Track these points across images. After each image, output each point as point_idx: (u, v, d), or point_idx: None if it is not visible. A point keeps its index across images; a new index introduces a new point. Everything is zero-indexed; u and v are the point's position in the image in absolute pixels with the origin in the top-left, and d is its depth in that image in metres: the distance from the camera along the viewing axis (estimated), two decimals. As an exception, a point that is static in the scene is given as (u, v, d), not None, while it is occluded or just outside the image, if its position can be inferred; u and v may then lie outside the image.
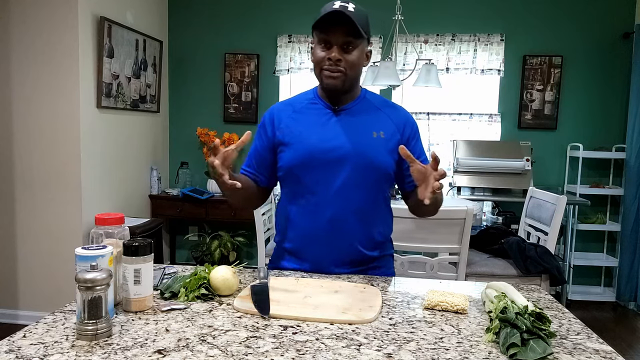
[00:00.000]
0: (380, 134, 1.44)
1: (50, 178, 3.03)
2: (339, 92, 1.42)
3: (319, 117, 1.45)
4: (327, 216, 1.41)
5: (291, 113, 1.48)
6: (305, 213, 1.44)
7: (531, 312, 0.94)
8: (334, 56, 1.35)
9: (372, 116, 1.46)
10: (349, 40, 1.35)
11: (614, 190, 3.82)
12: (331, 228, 1.41)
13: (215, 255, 3.89)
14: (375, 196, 1.46)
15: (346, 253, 1.44)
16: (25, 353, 0.87)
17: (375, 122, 1.45)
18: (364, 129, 1.44)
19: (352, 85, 1.43)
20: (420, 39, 3.93)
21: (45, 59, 2.97)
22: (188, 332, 0.98)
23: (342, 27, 1.33)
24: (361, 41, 1.37)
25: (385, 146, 1.43)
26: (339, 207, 1.41)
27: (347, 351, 0.91)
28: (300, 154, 1.42)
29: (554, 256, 2.47)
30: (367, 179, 1.42)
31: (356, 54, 1.37)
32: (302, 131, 1.44)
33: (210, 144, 4.04)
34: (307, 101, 1.50)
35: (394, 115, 1.48)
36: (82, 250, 0.99)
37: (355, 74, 1.41)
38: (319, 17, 1.33)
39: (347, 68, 1.36)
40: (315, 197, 1.42)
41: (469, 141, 3.81)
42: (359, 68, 1.41)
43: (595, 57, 3.88)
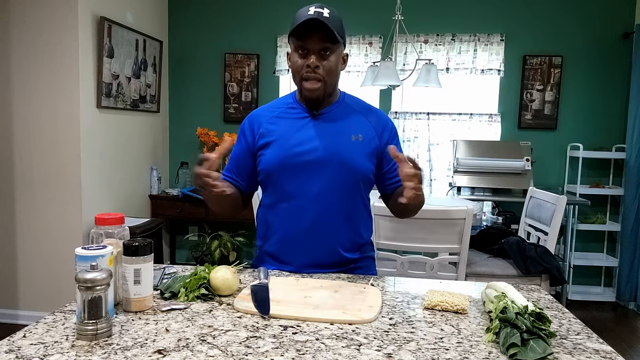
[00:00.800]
0: (359, 137, 1.44)
1: (50, 178, 3.03)
2: (319, 99, 1.43)
3: (297, 121, 1.46)
4: (307, 219, 1.41)
5: (270, 118, 1.49)
6: (285, 217, 1.44)
7: (531, 312, 0.94)
8: (312, 63, 1.36)
9: (350, 120, 1.47)
10: (326, 46, 1.36)
11: (614, 190, 3.82)
12: (311, 231, 1.42)
13: (215, 255, 3.88)
14: (355, 199, 1.46)
15: (327, 256, 1.44)
16: (25, 353, 0.87)
17: (354, 126, 1.46)
18: (342, 132, 1.44)
19: (331, 91, 1.44)
20: (420, 39, 3.93)
21: (45, 59, 2.97)
22: (188, 332, 0.98)
23: (318, 33, 1.33)
24: (337, 46, 1.38)
25: (363, 149, 1.44)
26: (318, 211, 1.41)
27: (347, 351, 0.91)
28: (278, 158, 1.43)
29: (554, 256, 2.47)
30: (346, 182, 1.42)
31: (333, 59, 1.38)
32: (281, 135, 1.45)
33: (210, 144, 4.04)
34: (285, 106, 1.51)
35: (373, 119, 1.49)
36: (82, 250, 0.99)
37: (333, 80, 1.42)
38: (295, 24, 1.33)
39: (325, 75, 1.37)
40: (295, 201, 1.42)
41: (469, 141, 3.81)
42: (336, 73, 1.42)
43: (595, 57, 3.88)
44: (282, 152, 1.42)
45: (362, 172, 1.44)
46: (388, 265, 2.41)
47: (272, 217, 1.48)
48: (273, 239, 1.48)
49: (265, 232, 1.51)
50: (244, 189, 1.54)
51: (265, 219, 1.51)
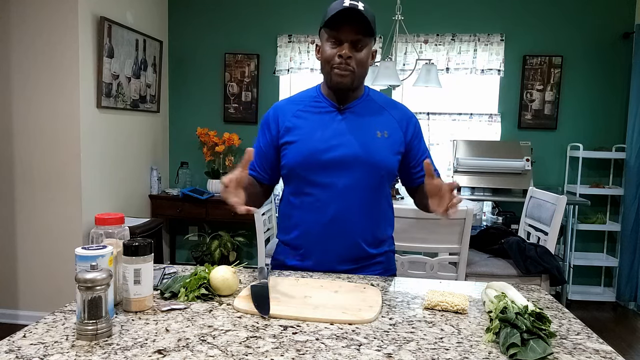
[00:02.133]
0: (384, 133, 1.44)
1: (50, 178, 3.03)
2: (346, 91, 1.42)
3: (323, 115, 1.45)
4: (330, 214, 1.41)
5: (295, 111, 1.48)
6: (308, 211, 1.44)
7: (531, 312, 0.94)
8: (345, 53, 1.34)
9: (375, 115, 1.47)
10: (359, 38, 1.35)
11: (614, 190, 3.82)
12: (334, 226, 1.41)
13: (215, 255, 3.89)
14: (378, 194, 1.46)
15: (349, 250, 1.44)
16: (25, 353, 0.87)
17: (379, 122, 1.46)
18: (368, 128, 1.44)
19: (359, 84, 1.43)
20: (420, 39, 3.93)
21: (45, 59, 2.97)
22: (188, 332, 0.98)
23: (352, 25, 1.33)
24: (370, 40, 1.38)
25: (389, 146, 1.44)
26: (342, 206, 1.41)
27: (347, 351, 0.91)
28: (304, 154, 1.42)
29: (554, 256, 2.47)
30: (370, 179, 1.42)
31: (365, 52, 1.38)
32: (306, 130, 1.44)
33: (210, 144, 4.04)
34: (310, 99, 1.49)
35: (397, 114, 1.49)
36: (82, 250, 0.99)
37: (363, 73, 1.41)
38: (330, 14, 1.33)
39: (356, 66, 1.37)
40: (319, 196, 1.42)
41: (469, 141, 3.81)
42: (366, 66, 1.41)
43: (595, 57, 3.88)
44: (308, 148, 1.42)
45: (387, 168, 1.44)
46: (388, 265, 2.41)
47: (295, 210, 1.47)
48: (295, 232, 1.48)
49: (287, 225, 1.50)
50: (267, 182, 1.53)
51: (287, 213, 1.50)
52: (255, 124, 4.19)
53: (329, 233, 1.42)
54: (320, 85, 1.50)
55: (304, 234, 1.46)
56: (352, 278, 1.38)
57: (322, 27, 1.38)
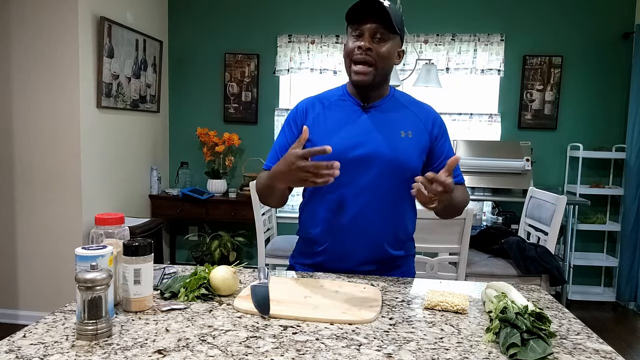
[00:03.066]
0: (409, 133, 1.43)
1: (50, 178, 3.03)
2: (368, 88, 1.41)
3: (347, 114, 1.44)
4: (352, 214, 1.40)
5: (320, 109, 1.47)
6: (330, 208, 1.42)
7: (531, 312, 0.94)
8: (364, 45, 1.33)
9: (400, 115, 1.45)
10: (380, 30, 1.33)
11: (614, 190, 3.82)
12: (356, 225, 1.40)
13: (215, 255, 3.89)
14: (401, 195, 1.44)
15: (371, 251, 1.43)
16: (25, 353, 0.87)
17: (404, 121, 1.44)
18: (392, 128, 1.43)
19: (381, 81, 1.41)
20: (420, 39, 3.93)
21: (45, 59, 2.97)
22: (188, 332, 0.98)
23: (373, 17, 1.32)
24: (393, 36, 1.36)
25: (413, 146, 1.42)
26: (364, 205, 1.40)
27: (347, 351, 0.91)
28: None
29: (554, 256, 2.47)
30: (394, 179, 1.40)
31: (387, 47, 1.35)
32: (330, 128, 1.43)
33: (210, 144, 4.04)
34: (336, 97, 1.49)
35: (422, 115, 1.47)
36: (82, 250, 0.99)
37: (385, 69, 1.39)
38: (352, 6, 1.32)
39: (376, 59, 1.35)
40: (341, 195, 1.41)
41: (469, 141, 3.80)
42: (388, 63, 1.39)
43: (595, 57, 3.88)
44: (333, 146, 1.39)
45: (411, 169, 1.41)
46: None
47: (317, 208, 1.45)
48: (316, 230, 1.46)
49: (309, 223, 1.49)
50: None
51: (308, 210, 1.49)
52: (256, 123, 4.19)
53: (351, 232, 1.41)
54: (346, 84, 1.50)
55: (326, 232, 1.44)
56: (352, 278, 1.38)
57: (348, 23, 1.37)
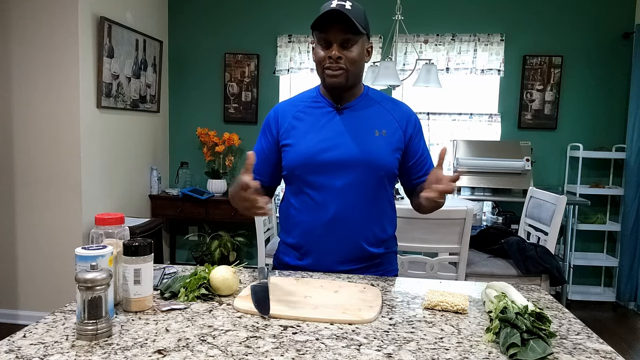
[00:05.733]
0: (383, 132, 1.44)
1: (50, 178, 3.03)
2: (341, 90, 1.43)
3: (321, 116, 1.46)
4: (330, 214, 1.41)
5: (295, 112, 1.49)
6: (308, 211, 1.44)
7: (531, 312, 0.94)
8: (334, 54, 1.36)
9: (374, 114, 1.47)
10: (347, 37, 1.36)
11: (614, 190, 3.82)
12: (334, 226, 1.42)
13: (215, 255, 3.89)
14: (379, 194, 1.46)
15: (349, 250, 1.44)
16: (25, 353, 0.87)
17: (378, 120, 1.46)
18: (366, 127, 1.44)
19: (354, 82, 1.43)
20: (420, 39, 3.93)
21: (45, 59, 2.97)
22: (188, 332, 0.98)
23: (339, 25, 1.34)
24: (360, 37, 1.38)
25: (388, 145, 1.44)
26: (341, 206, 1.41)
27: (347, 351, 0.91)
28: (302, 155, 1.42)
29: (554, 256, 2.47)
30: (369, 178, 1.42)
31: (356, 50, 1.38)
32: (305, 131, 1.44)
33: (210, 144, 4.04)
34: (310, 100, 1.50)
35: (397, 113, 1.49)
36: (82, 250, 0.99)
37: (356, 70, 1.41)
38: (316, 17, 1.34)
39: (347, 65, 1.37)
40: (318, 197, 1.42)
41: (469, 141, 3.80)
42: (359, 64, 1.41)
43: (595, 57, 3.88)
44: (307, 149, 1.42)
45: (386, 168, 1.43)
46: (388, 265, 2.41)
47: (295, 210, 1.47)
48: (295, 232, 1.48)
49: (287, 225, 1.51)
50: (268, 184, 1.54)
51: (288, 213, 1.51)
52: (256, 123, 4.19)
53: (329, 233, 1.42)
54: (319, 86, 1.51)
55: (305, 234, 1.46)
56: (352, 278, 1.38)
57: (313, 29, 1.38)
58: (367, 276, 1.41)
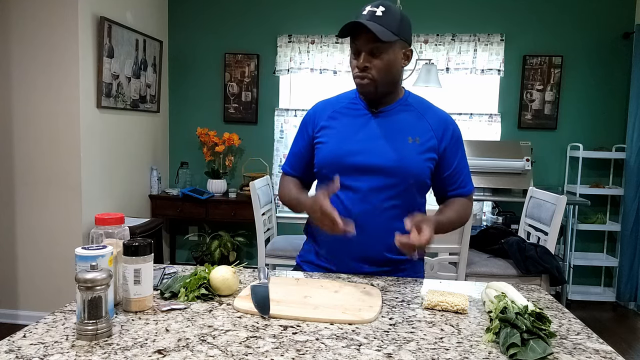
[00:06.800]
0: (416, 139, 1.41)
1: (50, 178, 3.03)
2: (373, 97, 1.42)
3: (356, 118, 1.46)
4: (353, 217, 1.38)
5: (331, 112, 1.49)
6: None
7: (531, 312, 0.94)
8: (360, 64, 1.36)
9: (410, 120, 1.44)
10: (375, 46, 1.33)
11: (614, 190, 3.82)
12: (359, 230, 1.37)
13: (215, 255, 3.89)
14: (406, 202, 1.42)
15: (371, 255, 1.43)
16: (25, 353, 0.87)
17: (412, 127, 1.43)
18: (399, 133, 1.42)
19: (386, 89, 1.41)
20: (420, 39, 3.93)
21: (45, 59, 2.97)
22: (188, 332, 0.98)
23: (366, 33, 1.32)
24: (390, 45, 1.34)
25: (419, 152, 1.41)
26: (365, 210, 1.40)
27: (347, 351, 0.91)
28: (332, 156, 1.43)
29: (554, 256, 2.47)
30: (397, 185, 1.39)
31: (385, 58, 1.35)
32: (338, 132, 1.45)
33: (210, 144, 4.03)
34: (347, 101, 1.51)
35: (434, 121, 1.46)
36: (82, 250, 0.99)
37: (387, 78, 1.38)
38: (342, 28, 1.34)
39: (376, 74, 1.36)
40: (344, 198, 1.41)
41: (468, 141, 3.80)
42: (390, 72, 1.38)
43: (595, 57, 3.88)
44: (336, 150, 1.42)
45: (415, 175, 1.40)
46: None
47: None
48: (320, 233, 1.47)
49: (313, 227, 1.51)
50: (306, 180, 1.56)
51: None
52: (256, 123, 4.19)
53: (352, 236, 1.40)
54: None
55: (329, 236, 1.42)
56: (352, 278, 1.38)
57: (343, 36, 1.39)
58: (367, 276, 1.41)
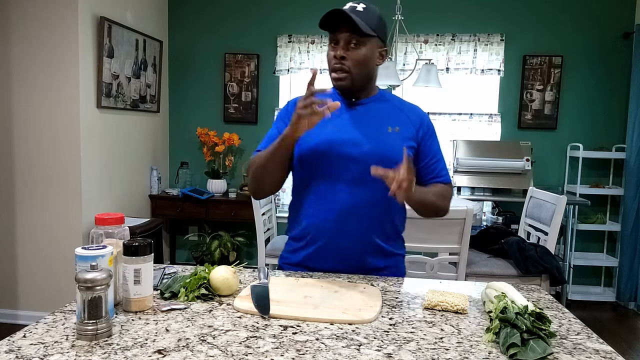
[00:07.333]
0: (396, 129, 1.45)
1: (50, 178, 3.03)
2: (349, 92, 1.44)
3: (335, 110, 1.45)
4: (340, 207, 1.40)
5: None
6: (318, 203, 1.43)
7: (531, 312, 0.94)
8: (338, 53, 1.37)
9: (388, 112, 1.48)
10: (353, 37, 1.36)
11: (614, 190, 3.82)
12: (343, 218, 1.41)
13: (215, 255, 3.88)
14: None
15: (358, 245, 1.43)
16: (25, 353, 0.87)
17: (391, 118, 1.47)
18: (379, 123, 1.45)
19: (361, 84, 1.43)
20: (420, 39, 3.93)
21: (45, 59, 2.97)
22: (188, 332, 0.98)
23: (346, 25, 1.34)
24: (368, 39, 1.37)
25: (400, 141, 1.43)
26: (351, 199, 1.40)
27: (347, 351, 0.91)
28: (313, 145, 1.42)
29: (554, 256, 2.47)
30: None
31: (363, 51, 1.37)
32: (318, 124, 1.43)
33: (210, 144, 4.04)
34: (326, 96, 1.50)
35: (410, 113, 1.50)
36: (82, 250, 0.99)
37: (362, 73, 1.40)
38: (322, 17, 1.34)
39: (351, 66, 1.37)
40: (328, 189, 1.42)
41: (469, 141, 3.80)
42: (366, 66, 1.40)
43: (595, 57, 3.88)
44: (318, 141, 1.42)
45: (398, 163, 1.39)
46: (388, 265, 2.41)
47: (303, 202, 1.47)
48: (304, 222, 1.47)
49: (296, 219, 1.50)
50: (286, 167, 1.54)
51: (296, 206, 1.50)
52: (256, 123, 4.19)
53: (338, 225, 1.41)
54: None
55: (313, 225, 1.44)
56: (352, 278, 1.38)
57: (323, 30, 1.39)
58: (367, 276, 1.41)
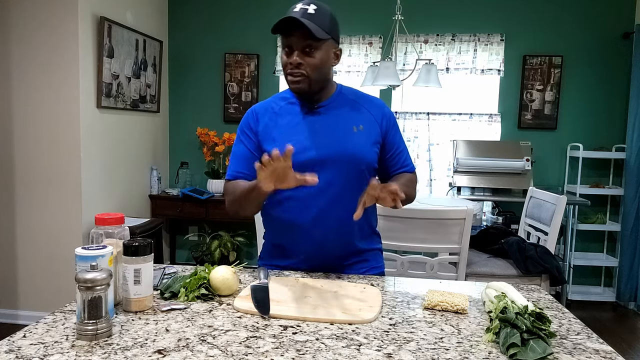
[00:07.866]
0: (360, 127, 1.45)
1: (50, 178, 3.03)
2: (307, 94, 1.43)
3: (297, 116, 1.46)
4: (314, 212, 1.41)
5: (271, 115, 1.48)
6: (291, 210, 1.44)
7: (531, 312, 0.94)
8: (294, 60, 1.36)
9: (350, 111, 1.48)
10: (308, 43, 1.35)
11: (614, 190, 3.82)
12: (319, 223, 1.42)
13: (215, 255, 3.88)
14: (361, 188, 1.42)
15: (335, 245, 1.45)
16: (25, 353, 0.87)
17: (354, 117, 1.47)
18: (344, 124, 1.45)
19: (320, 86, 1.43)
20: (420, 39, 3.93)
21: (45, 59, 2.97)
22: (188, 332, 0.98)
23: (299, 31, 1.33)
24: (323, 42, 1.37)
25: (366, 139, 1.45)
26: (325, 203, 1.41)
27: (347, 351, 0.91)
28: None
29: (554, 256, 2.47)
30: (351, 174, 1.42)
31: (318, 55, 1.37)
32: (283, 132, 1.44)
33: (210, 144, 4.04)
34: (284, 101, 1.50)
35: (372, 108, 1.51)
36: (82, 250, 0.99)
37: (320, 76, 1.40)
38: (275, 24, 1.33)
39: (308, 71, 1.37)
40: (301, 195, 1.41)
41: (469, 141, 3.80)
42: (323, 69, 1.40)
43: (595, 57, 3.88)
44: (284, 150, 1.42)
45: (366, 162, 1.44)
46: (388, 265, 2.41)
47: (278, 211, 1.47)
48: (280, 231, 1.49)
49: (271, 226, 1.52)
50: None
51: (270, 214, 1.51)
52: (255, 124, 4.19)
53: (313, 230, 1.42)
54: None
55: (290, 233, 1.46)
56: (352, 278, 1.38)
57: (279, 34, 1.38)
58: (367, 276, 1.41)
